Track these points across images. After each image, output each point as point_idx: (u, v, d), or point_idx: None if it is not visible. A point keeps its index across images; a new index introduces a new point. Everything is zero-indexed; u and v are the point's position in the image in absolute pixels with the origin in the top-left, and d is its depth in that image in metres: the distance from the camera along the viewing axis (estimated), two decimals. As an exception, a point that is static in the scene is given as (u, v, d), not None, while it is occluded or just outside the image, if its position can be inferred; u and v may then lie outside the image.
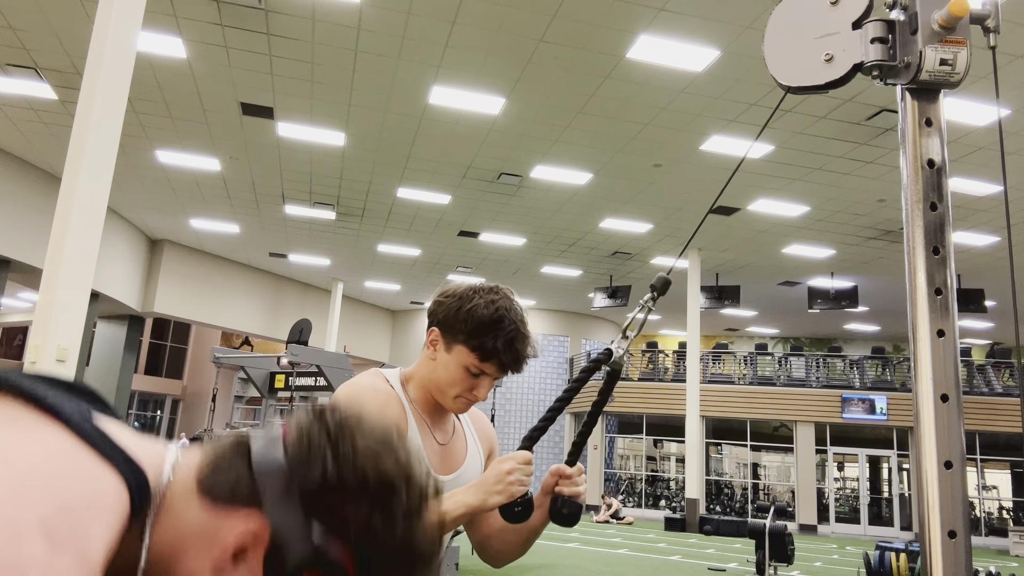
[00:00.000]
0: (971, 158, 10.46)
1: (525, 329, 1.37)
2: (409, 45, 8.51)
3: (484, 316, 1.34)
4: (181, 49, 8.81)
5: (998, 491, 19.78)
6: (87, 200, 5.49)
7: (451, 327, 1.37)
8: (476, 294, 1.38)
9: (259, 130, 11.01)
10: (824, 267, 16.43)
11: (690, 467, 15.84)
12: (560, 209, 13.78)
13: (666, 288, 1.27)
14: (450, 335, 1.37)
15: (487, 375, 1.37)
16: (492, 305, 1.35)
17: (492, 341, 1.33)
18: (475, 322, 1.34)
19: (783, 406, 19.18)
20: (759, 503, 19.42)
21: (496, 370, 1.36)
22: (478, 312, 1.35)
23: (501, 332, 1.33)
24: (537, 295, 21.24)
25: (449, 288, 1.43)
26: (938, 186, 1.13)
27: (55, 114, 10.81)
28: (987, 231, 13.30)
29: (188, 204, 14.85)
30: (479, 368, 1.35)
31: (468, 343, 1.34)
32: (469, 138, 10.87)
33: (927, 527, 1.06)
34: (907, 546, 8.30)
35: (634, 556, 10.73)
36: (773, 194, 12.43)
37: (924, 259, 1.11)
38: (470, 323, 1.34)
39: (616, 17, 7.78)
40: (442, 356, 1.38)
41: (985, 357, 21.16)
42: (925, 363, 1.09)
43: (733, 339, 25.71)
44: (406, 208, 14.20)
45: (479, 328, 1.34)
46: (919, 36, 1.13)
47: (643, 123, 10.14)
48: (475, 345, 1.34)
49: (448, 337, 1.38)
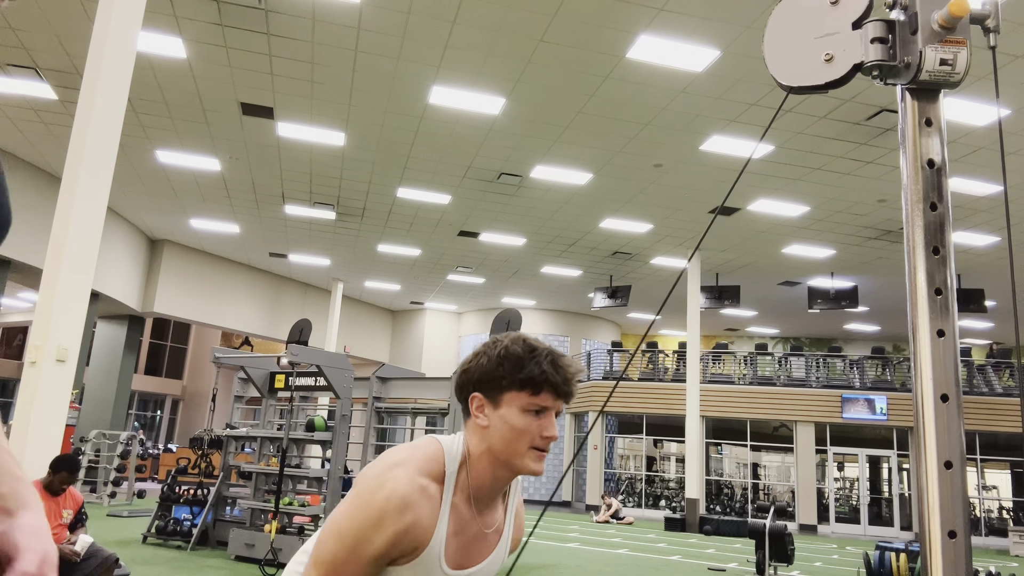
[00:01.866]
0: (971, 158, 10.46)
1: (558, 352, 1.36)
2: (409, 45, 8.51)
3: (518, 351, 1.33)
4: (181, 49, 8.81)
5: (998, 491, 19.77)
6: (87, 200, 5.50)
7: (492, 380, 1.34)
8: (498, 342, 1.37)
9: (259, 130, 11.01)
10: (824, 267, 16.43)
11: (690, 467, 15.84)
12: (560, 209, 13.78)
13: None
14: (494, 389, 1.34)
15: (547, 409, 1.33)
16: (519, 341, 1.35)
17: (537, 367, 1.31)
18: (513, 360, 1.33)
19: (783, 406, 19.17)
20: (759, 503, 19.42)
21: (552, 398, 1.33)
22: (512, 351, 1.34)
23: (541, 358, 1.33)
24: (537, 295, 21.24)
25: (466, 358, 1.41)
26: (938, 186, 1.13)
27: (55, 114, 10.81)
28: (987, 231, 13.30)
29: (188, 204, 14.85)
30: (536, 404, 1.32)
31: (515, 383, 1.32)
32: (469, 138, 10.87)
33: (927, 527, 1.06)
34: (907, 546, 8.29)
35: (634, 556, 10.73)
36: (773, 194, 12.44)
37: (924, 259, 1.11)
38: (508, 363, 1.33)
39: (616, 17, 7.78)
40: (494, 416, 1.33)
41: (985, 357, 21.16)
42: (925, 363, 1.09)
43: (733, 339, 25.71)
44: (406, 208, 14.20)
45: (518, 363, 1.32)
46: (919, 36, 1.13)
47: (643, 123, 10.14)
48: (524, 380, 1.31)
49: (492, 393, 1.34)
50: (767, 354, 21.20)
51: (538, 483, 21.78)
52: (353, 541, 1.25)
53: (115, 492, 13.64)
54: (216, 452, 9.91)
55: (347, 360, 8.53)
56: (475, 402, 1.35)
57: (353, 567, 1.26)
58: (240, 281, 19.61)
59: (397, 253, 17.51)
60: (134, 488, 14.70)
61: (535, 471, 1.34)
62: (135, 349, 18.77)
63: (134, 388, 25.48)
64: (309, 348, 8.90)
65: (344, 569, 1.26)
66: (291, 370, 8.62)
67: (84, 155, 5.47)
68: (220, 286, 19.05)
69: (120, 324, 17.94)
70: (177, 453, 20.73)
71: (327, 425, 8.75)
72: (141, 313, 17.81)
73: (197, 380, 30.94)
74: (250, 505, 8.40)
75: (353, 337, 22.52)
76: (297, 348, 8.14)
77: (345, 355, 8.79)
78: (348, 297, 22.23)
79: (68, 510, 5.13)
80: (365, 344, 23.35)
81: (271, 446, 9.24)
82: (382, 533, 1.24)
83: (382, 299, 23.15)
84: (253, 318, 19.99)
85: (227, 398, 27.95)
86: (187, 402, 31.16)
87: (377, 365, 10.01)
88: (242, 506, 8.65)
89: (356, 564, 1.26)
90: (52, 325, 5.27)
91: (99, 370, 17.71)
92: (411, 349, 23.78)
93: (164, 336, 30.38)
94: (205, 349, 30.50)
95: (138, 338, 19.04)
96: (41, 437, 5.24)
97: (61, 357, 5.31)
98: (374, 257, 18.06)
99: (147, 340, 29.13)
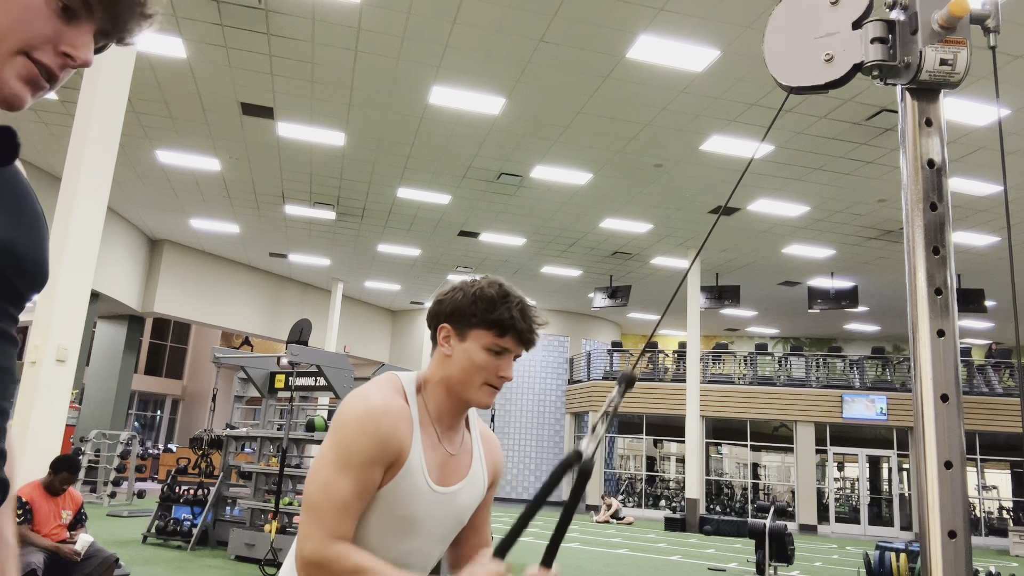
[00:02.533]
0: (971, 158, 10.46)
1: (529, 302, 1.44)
2: (409, 45, 8.50)
3: (492, 294, 1.40)
4: (181, 49, 8.81)
5: (998, 491, 19.77)
6: (87, 200, 5.50)
7: (462, 315, 1.41)
8: (476, 281, 1.44)
9: (259, 130, 11.01)
10: (824, 267, 16.42)
11: (690, 467, 15.84)
12: (560, 209, 13.78)
13: (632, 384, 1.30)
14: (463, 322, 1.41)
15: (508, 351, 1.41)
16: (495, 285, 1.42)
17: (507, 311, 1.38)
18: (486, 300, 1.39)
19: (783, 406, 19.17)
20: (759, 503, 19.41)
21: (515, 343, 1.40)
22: (486, 291, 1.40)
23: (511, 304, 1.40)
24: (537, 295, 21.23)
25: (445, 288, 1.47)
26: (938, 186, 1.13)
27: (55, 114, 10.81)
28: (987, 231, 13.30)
29: (188, 204, 14.85)
30: (499, 345, 1.39)
31: (483, 322, 1.39)
32: (469, 138, 10.87)
33: (927, 527, 1.06)
34: (907, 546, 8.29)
35: (634, 556, 10.73)
36: (773, 194, 12.43)
37: (924, 259, 1.11)
38: (481, 303, 1.39)
39: (616, 17, 7.78)
40: (458, 348, 1.41)
41: (984, 357, 21.15)
42: (925, 363, 1.09)
43: (733, 339, 25.70)
44: (406, 208, 14.20)
45: (491, 305, 1.39)
46: (919, 36, 1.13)
47: (643, 123, 10.14)
48: (492, 320, 1.38)
49: (460, 326, 1.41)
50: (767, 354, 21.20)
51: (539, 483, 21.77)
52: (343, 457, 1.28)
53: (115, 492, 13.64)
54: (216, 452, 9.91)
55: (347, 360, 8.53)
56: (443, 332, 1.43)
57: (347, 483, 1.28)
58: (240, 281, 19.60)
59: (397, 253, 17.51)
60: (134, 488, 14.69)
61: (484, 404, 1.43)
62: (135, 349, 18.76)
63: (134, 388, 25.45)
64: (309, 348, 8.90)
65: (339, 490, 1.27)
66: (291, 370, 8.62)
67: (84, 155, 5.47)
68: (220, 286, 19.04)
69: (120, 324, 17.93)
70: (177, 453, 20.71)
71: (327, 425, 8.75)
72: (141, 313, 17.80)
73: (197, 380, 30.94)
74: (250, 505, 8.40)
75: (353, 337, 22.52)
76: (297, 348, 8.15)
77: (345, 355, 8.79)
78: (348, 297, 22.23)
79: (68, 510, 5.13)
80: (365, 344, 23.35)
81: (271, 446, 9.23)
82: (367, 438, 1.29)
83: (382, 299, 23.15)
84: (253, 318, 19.99)
85: (227, 398, 27.97)
86: (187, 402, 31.16)
87: (377, 365, 10.00)
88: (242, 506, 8.65)
89: (349, 479, 1.28)
90: (52, 325, 5.27)
91: (99, 370, 17.71)
92: (411, 349, 23.77)
93: (164, 336, 30.37)
94: (205, 349, 30.49)
95: (138, 338, 19.04)
96: (41, 437, 5.24)
97: (61, 357, 5.31)
98: (374, 257, 18.06)
99: (147, 340, 29.12)
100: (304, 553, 1.26)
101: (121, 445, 14.03)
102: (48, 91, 0.73)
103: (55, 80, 0.73)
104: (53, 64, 0.72)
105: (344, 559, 1.24)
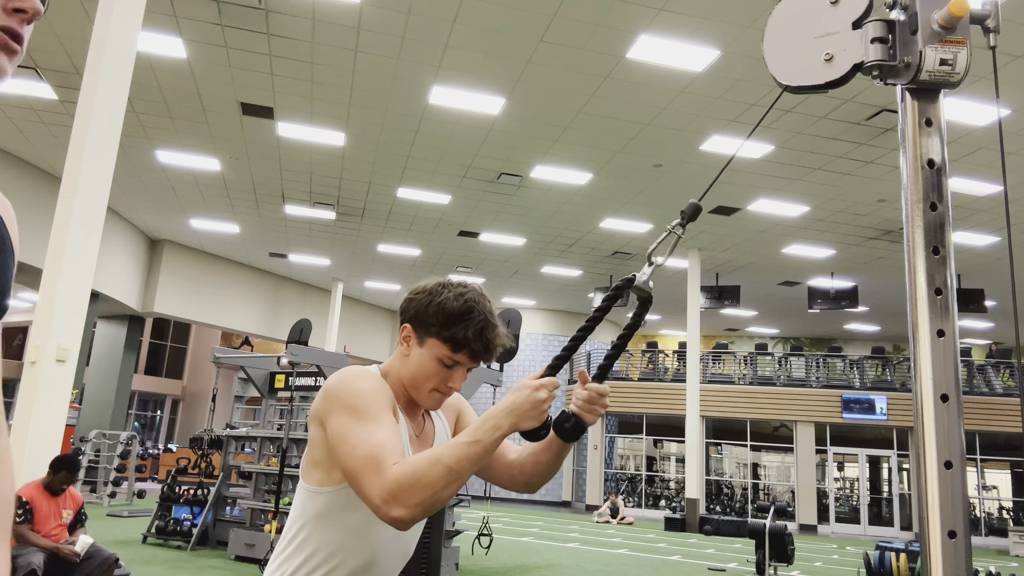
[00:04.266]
0: (971, 158, 10.46)
1: (495, 319, 1.42)
2: (409, 45, 8.50)
3: (454, 308, 1.39)
4: (181, 49, 8.81)
5: (998, 491, 19.77)
6: (87, 200, 5.49)
7: (423, 321, 1.41)
8: (446, 288, 1.42)
9: (259, 130, 11.01)
10: (824, 267, 16.42)
11: (690, 467, 15.84)
12: (560, 209, 13.78)
13: (696, 214, 1.27)
14: (422, 329, 1.41)
15: (460, 365, 1.41)
16: (461, 298, 1.40)
17: (463, 331, 1.38)
18: (446, 314, 1.39)
19: (783, 406, 19.17)
20: (759, 503, 19.41)
21: (468, 359, 1.40)
22: (448, 304, 1.39)
23: (471, 322, 1.38)
24: (537, 295, 21.24)
25: (420, 285, 1.47)
26: (938, 186, 1.13)
27: (55, 114, 10.81)
28: (987, 231, 13.30)
29: (188, 204, 14.85)
30: (452, 359, 1.39)
31: (440, 335, 1.39)
32: (469, 138, 10.87)
33: (927, 527, 1.05)
34: (907, 546, 8.29)
35: (634, 556, 10.73)
36: (773, 194, 12.43)
37: (924, 259, 1.11)
38: (441, 315, 1.39)
39: (616, 17, 7.78)
40: (415, 351, 1.42)
41: (984, 357, 21.16)
42: (925, 363, 1.09)
43: (733, 339, 25.70)
44: (406, 208, 14.20)
45: (450, 319, 1.38)
46: (919, 36, 1.13)
47: (643, 123, 10.14)
48: (447, 336, 1.38)
49: (420, 331, 1.42)
50: (767, 354, 21.19)
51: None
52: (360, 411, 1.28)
53: (115, 492, 13.64)
54: (216, 452, 9.91)
55: (347, 360, 8.53)
56: (404, 332, 1.45)
57: (376, 428, 1.26)
58: (240, 281, 19.60)
59: (397, 253, 17.51)
60: (134, 488, 14.69)
61: (430, 407, 1.46)
62: (135, 349, 18.76)
63: (134, 388, 25.45)
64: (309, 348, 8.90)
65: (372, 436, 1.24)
66: (291, 370, 8.62)
67: (84, 155, 5.47)
68: (220, 286, 19.04)
69: (120, 324, 17.93)
70: (177, 453, 20.72)
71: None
72: (141, 313, 17.80)
73: (197, 380, 30.93)
74: (250, 505, 8.40)
75: (353, 337, 22.52)
76: (297, 348, 8.14)
77: (345, 355, 8.80)
78: (348, 297, 22.23)
79: (68, 510, 5.13)
80: (365, 344, 23.35)
81: (271, 446, 9.23)
82: (371, 385, 1.33)
83: (382, 299, 23.15)
84: (253, 318, 19.99)
85: (227, 398, 27.97)
86: (187, 402, 31.15)
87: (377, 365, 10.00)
88: (242, 506, 8.65)
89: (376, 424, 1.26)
90: (52, 325, 5.27)
91: (99, 370, 17.71)
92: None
93: (164, 336, 30.37)
94: (205, 349, 30.48)
95: (138, 338, 19.03)
96: (41, 437, 5.24)
97: (61, 357, 5.31)
98: (374, 257, 18.06)
99: (147, 340, 29.12)
100: (379, 498, 1.18)
101: (121, 445, 14.03)
102: (21, 53, 0.75)
103: (20, 39, 0.74)
104: (12, 23, 0.73)
105: (415, 463, 1.19)
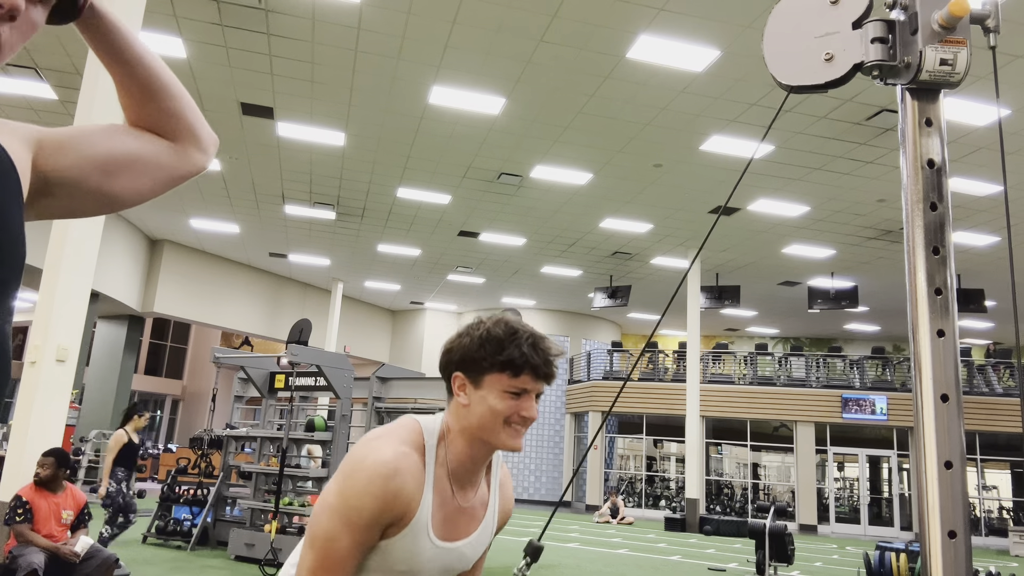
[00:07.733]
0: (971, 158, 10.46)
1: (540, 334, 1.38)
2: (409, 45, 8.51)
3: (499, 333, 1.34)
4: (181, 49, 8.81)
5: (998, 491, 19.77)
6: (87, 200, 5.48)
7: (472, 361, 1.35)
8: (482, 323, 1.38)
9: (259, 130, 11.01)
10: (824, 267, 16.42)
11: (690, 467, 15.84)
12: (560, 209, 13.78)
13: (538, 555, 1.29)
14: (474, 370, 1.35)
15: (527, 391, 1.35)
16: (501, 323, 1.36)
17: (517, 350, 1.32)
18: (494, 342, 1.33)
19: (783, 406, 19.17)
20: (759, 503, 19.41)
21: (532, 380, 1.34)
22: (493, 332, 1.35)
23: (521, 340, 1.34)
24: (537, 295, 21.24)
25: (452, 337, 1.42)
26: (938, 186, 1.13)
27: (55, 114, 10.81)
28: (987, 231, 13.30)
29: (188, 204, 14.85)
30: (516, 386, 1.33)
31: (495, 365, 1.33)
32: (469, 138, 10.87)
33: (927, 527, 1.05)
34: (907, 546, 8.29)
35: (634, 556, 10.73)
36: (773, 194, 12.43)
37: (924, 259, 1.11)
38: (490, 345, 1.34)
39: (616, 17, 7.78)
40: (473, 396, 1.35)
41: (984, 357, 21.15)
42: (925, 363, 1.09)
43: (733, 339, 25.70)
44: (406, 208, 14.20)
45: (500, 345, 1.33)
46: (919, 36, 1.13)
47: (643, 123, 10.14)
48: (503, 362, 1.33)
49: (473, 373, 1.35)
50: (767, 354, 21.19)
51: (539, 483, 21.78)
52: (344, 512, 1.25)
53: (115, 492, 13.61)
54: (216, 452, 9.91)
55: (347, 360, 8.53)
56: (457, 381, 1.37)
57: (347, 540, 1.25)
58: (240, 281, 19.61)
59: (397, 253, 17.51)
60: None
61: (512, 447, 1.35)
62: (135, 349, 18.76)
63: (134, 388, 25.45)
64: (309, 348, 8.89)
65: (338, 545, 1.25)
66: (291, 370, 8.62)
67: (84, 155, 5.46)
68: (220, 286, 19.04)
69: (120, 324, 17.93)
70: (177, 453, 20.71)
71: (327, 425, 8.75)
72: (141, 313, 17.80)
73: (197, 380, 30.94)
74: (250, 505, 8.40)
75: (353, 337, 22.52)
76: (297, 348, 8.14)
77: (345, 355, 8.80)
78: (348, 297, 22.23)
79: (69, 511, 5.12)
80: (365, 344, 23.35)
81: (271, 446, 9.23)
82: (371, 499, 1.25)
83: (382, 299, 23.15)
84: (253, 318, 19.99)
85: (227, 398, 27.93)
86: (187, 402, 31.16)
87: (377, 365, 10.01)
88: (242, 506, 8.65)
89: (350, 536, 1.25)
90: (52, 325, 5.27)
91: (99, 370, 17.71)
92: (411, 349, 23.77)
93: (164, 336, 30.37)
94: (205, 349, 30.49)
95: (138, 338, 19.04)
96: (41, 437, 5.24)
97: (61, 357, 5.31)
98: (374, 257, 18.06)
99: (147, 340, 29.13)
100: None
101: (121, 445, 14.00)
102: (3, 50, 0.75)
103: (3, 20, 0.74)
104: None
105: None
